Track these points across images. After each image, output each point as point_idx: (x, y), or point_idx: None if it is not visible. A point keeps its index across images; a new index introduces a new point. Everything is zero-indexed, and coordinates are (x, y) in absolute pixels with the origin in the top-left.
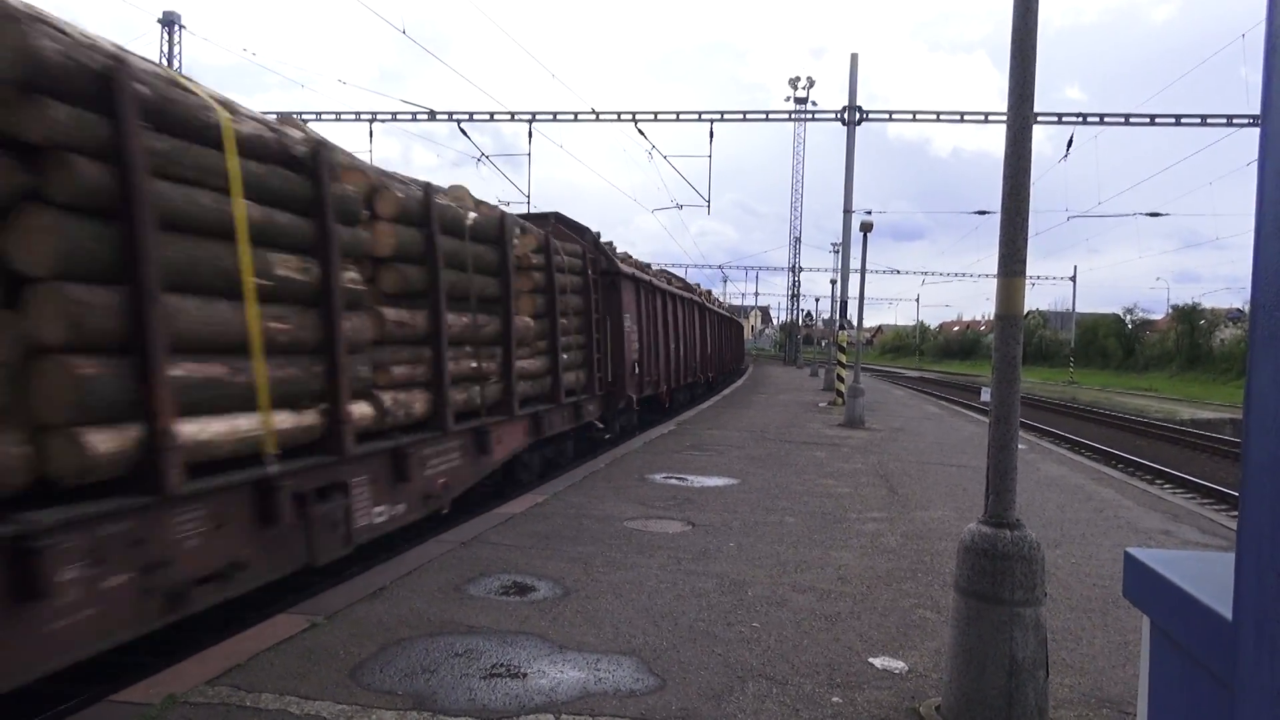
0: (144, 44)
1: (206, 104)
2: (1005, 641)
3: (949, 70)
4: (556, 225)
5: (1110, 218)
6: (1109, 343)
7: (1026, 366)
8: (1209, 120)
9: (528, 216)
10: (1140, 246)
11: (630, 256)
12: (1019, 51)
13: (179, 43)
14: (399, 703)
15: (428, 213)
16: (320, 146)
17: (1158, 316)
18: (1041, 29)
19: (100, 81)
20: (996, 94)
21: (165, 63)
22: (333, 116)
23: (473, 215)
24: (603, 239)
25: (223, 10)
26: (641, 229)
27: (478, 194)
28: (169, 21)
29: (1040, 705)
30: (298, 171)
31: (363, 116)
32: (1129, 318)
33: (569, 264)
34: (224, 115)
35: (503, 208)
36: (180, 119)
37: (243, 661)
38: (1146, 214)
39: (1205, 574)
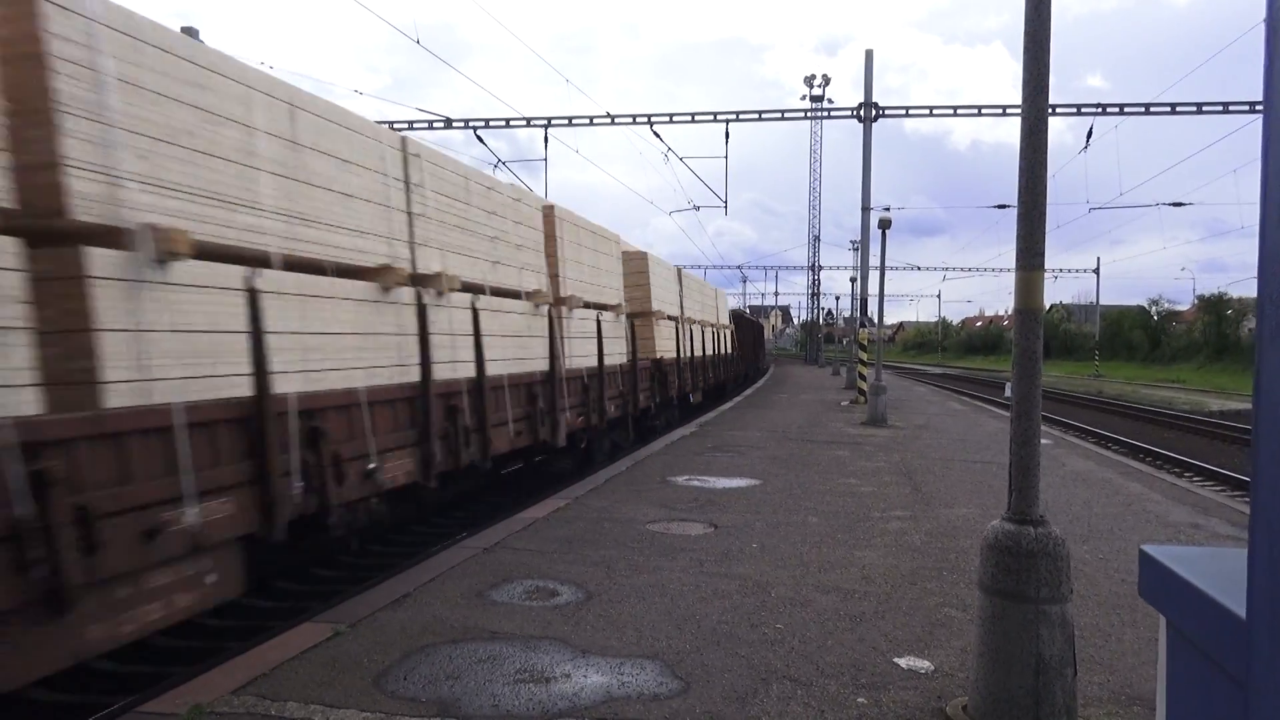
0: None
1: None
2: (1032, 640)
3: (965, 62)
4: None
5: (1133, 208)
6: (1134, 335)
7: (1051, 361)
8: (1231, 107)
9: None
10: (1164, 237)
11: None
12: (1032, 43)
13: None
14: (423, 710)
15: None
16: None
17: (1184, 307)
18: (1059, 17)
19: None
20: (1014, 85)
21: None
22: None
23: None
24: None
25: (239, 23)
26: (659, 231)
27: None
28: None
29: (1069, 704)
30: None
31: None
32: (1154, 309)
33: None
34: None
35: None
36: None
37: (268, 671)
38: (1170, 204)
39: (1221, 570)
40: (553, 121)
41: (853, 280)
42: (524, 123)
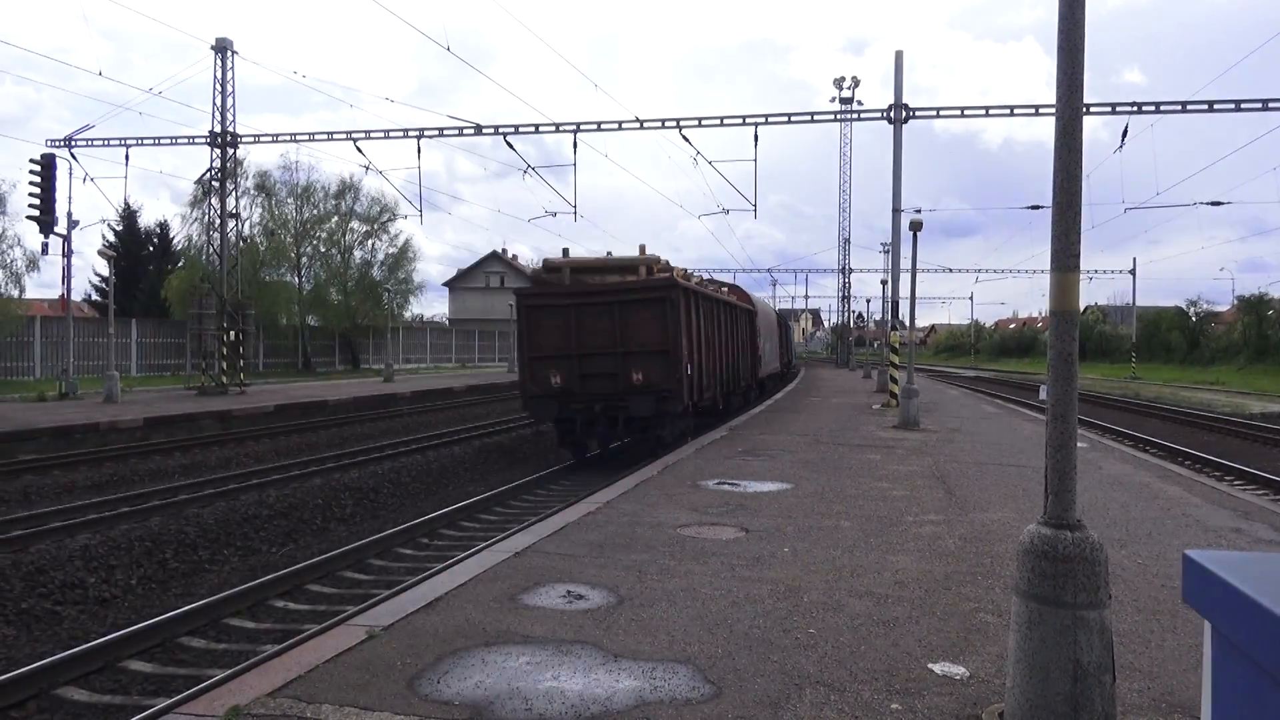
0: (198, 69)
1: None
2: (1069, 646)
3: (997, 58)
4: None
5: (1170, 208)
6: (1172, 336)
7: (1086, 363)
8: (1270, 105)
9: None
10: (1202, 236)
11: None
12: (1067, 42)
13: (231, 68)
14: (456, 713)
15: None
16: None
17: (1223, 308)
18: (1095, 11)
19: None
20: (1046, 82)
21: (220, 88)
22: (381, 134)
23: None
24: (647, 246)
25: (271, 32)
26: (687, 234)
27: (524, 204)
28: (221, 48)
29: (1107, 711)
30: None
31: (410, 133)
32: (1192, 310)
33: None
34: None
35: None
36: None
37: (303, 673)
38: (1208, 203)
39: (1270, 576)
40: (581, 127)
41: (883, 283)
42: (553, 128)
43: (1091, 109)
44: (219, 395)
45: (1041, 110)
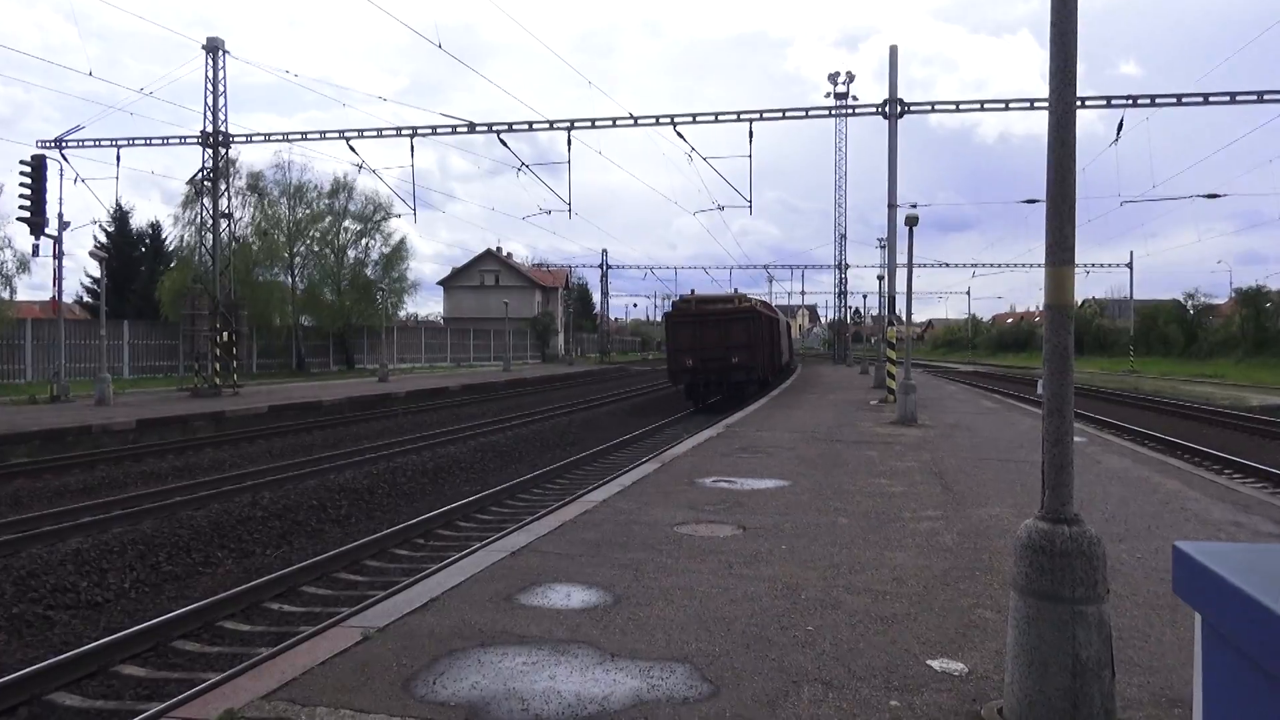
0: (189, 69)
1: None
2: (1068, 641)
3: (992, 51)
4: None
5: (1166, 201)
6: (1170, 330)
7: (1085, 357)
8: (1266, 97)
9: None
10: (1199, 229)
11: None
12: (1059, 35)
13: (223, 67)
14: (452, 714)
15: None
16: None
17: (1221, 300)
18: (1090, 4)
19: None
20: (1041, 75)
21: (211, 88)
22: (374, 133)
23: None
24: (642, 243)
25: (263, 32)
26: (682, 231)
27: (519, 202)
28: (213, 48)
29: (1107, 706)
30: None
31: (403, 132)
32: (1190, 303)
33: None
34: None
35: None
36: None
37: (297, 675)
38: (1204, 195)
39: (1259, 567)
40: (575, 124)
41: (880, 278)
42: (546, 126)
43: (1086, 102)
44: (212, 397)
45: (1037, 104)
